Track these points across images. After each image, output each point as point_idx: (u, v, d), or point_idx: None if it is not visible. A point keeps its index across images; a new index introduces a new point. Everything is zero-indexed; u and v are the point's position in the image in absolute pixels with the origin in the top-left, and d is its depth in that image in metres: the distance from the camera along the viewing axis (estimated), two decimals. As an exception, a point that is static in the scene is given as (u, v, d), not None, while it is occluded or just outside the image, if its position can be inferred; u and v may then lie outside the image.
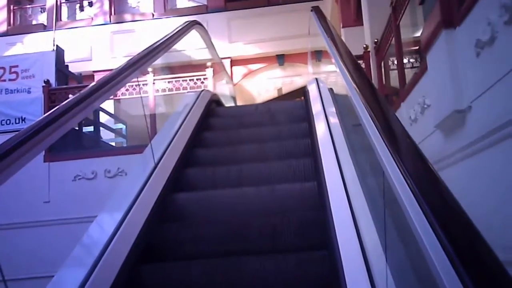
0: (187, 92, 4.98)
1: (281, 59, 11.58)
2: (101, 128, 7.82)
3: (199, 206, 2.56)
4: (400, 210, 1.13)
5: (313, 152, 2.87)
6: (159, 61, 3.60)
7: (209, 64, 6.09)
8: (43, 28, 12.29)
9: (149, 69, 6.12)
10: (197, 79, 6.13)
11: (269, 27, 11.18)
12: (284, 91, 13.20)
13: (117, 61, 10.85)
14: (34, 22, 12.85)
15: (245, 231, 2.24)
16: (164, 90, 6.18)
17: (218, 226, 2.31)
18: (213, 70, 6.07)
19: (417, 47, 5.32)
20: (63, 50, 6.53)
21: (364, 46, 5.73)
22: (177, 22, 11.51)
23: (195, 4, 12.02)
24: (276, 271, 1.95)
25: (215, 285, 1.99)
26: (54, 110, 1.87)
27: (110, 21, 12.03)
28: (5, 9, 12.35)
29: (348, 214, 1.98)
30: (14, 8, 12.61)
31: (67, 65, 6.77)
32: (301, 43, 10.78)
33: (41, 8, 12.83)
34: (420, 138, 3.70)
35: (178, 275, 2.03)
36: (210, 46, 5.63)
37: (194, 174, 2.93)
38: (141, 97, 6.18)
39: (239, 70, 11.64)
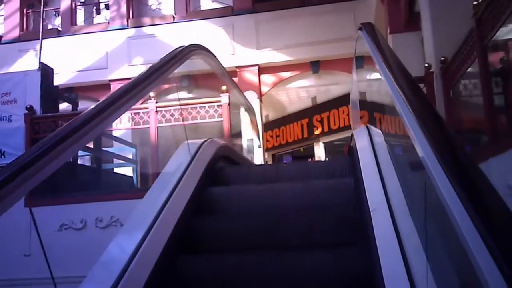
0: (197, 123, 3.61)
1: (315, 66, 10.21)
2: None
3: None
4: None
5: None
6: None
7: (224, 88, 4.83)
8: (57, 33, 11.36)
9: (151, 94, 4.92)
10: (209, 107, 4.88)
11: (302, 30, 9.82)
12: (319, 100, 11.88)
13: (135, 69, 9.87)
14: (49, 27, 11.92)
15: None
16: (168, 120, 4.95)
17: None
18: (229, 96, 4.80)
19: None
20: (51, 69, 5.38)
21: (426, 65, 4.35)
22: (200, 25, 10.39)
23: (219, 6, 10.78)
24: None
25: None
26: (41, 145, 1.53)
27: (128, 25, 10.95)
28: (17, 13, 11.43)
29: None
30: (28, 11, 11.69)
31: (57, 86, 5.64)
32: (339, 49, 9.40)
33: (55, 11, 11.90)
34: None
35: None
36: (221, 72, 4.37)
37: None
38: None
39: (268, 79, 10.36)
